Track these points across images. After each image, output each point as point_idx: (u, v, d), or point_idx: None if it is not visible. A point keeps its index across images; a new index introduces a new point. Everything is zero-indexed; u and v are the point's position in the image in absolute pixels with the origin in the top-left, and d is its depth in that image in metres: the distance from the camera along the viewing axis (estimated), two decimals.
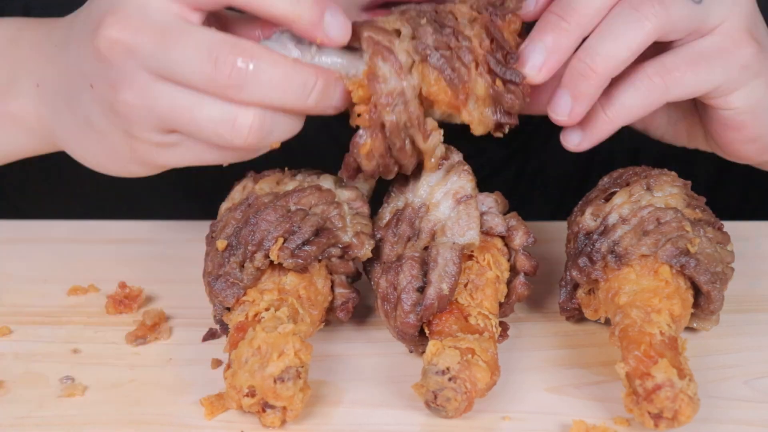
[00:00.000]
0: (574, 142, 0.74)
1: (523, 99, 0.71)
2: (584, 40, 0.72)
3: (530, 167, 1.05)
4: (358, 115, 0.69)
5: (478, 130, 0.72)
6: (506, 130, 0.73)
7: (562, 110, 0.72)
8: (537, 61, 0.71)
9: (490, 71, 0.70)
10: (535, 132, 0.99)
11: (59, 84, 0.74)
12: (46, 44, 0.76)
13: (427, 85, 0.70)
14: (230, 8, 0.70)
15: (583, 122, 0.73)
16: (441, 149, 0.72)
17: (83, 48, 0.70)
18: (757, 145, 0.77)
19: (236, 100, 0.66)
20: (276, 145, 0.69)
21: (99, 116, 0.71)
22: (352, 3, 0.80)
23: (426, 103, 0.71)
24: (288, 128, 0.69)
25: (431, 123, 0.71)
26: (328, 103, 0.69)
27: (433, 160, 0.72)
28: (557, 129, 0.76)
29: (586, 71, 0.70)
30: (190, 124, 0.67)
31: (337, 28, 0.68)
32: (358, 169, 0.71)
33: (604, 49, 0.70)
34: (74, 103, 0.73)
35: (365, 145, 0.69)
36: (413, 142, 0.70)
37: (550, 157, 1.01)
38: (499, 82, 0.70)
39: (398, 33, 0.71)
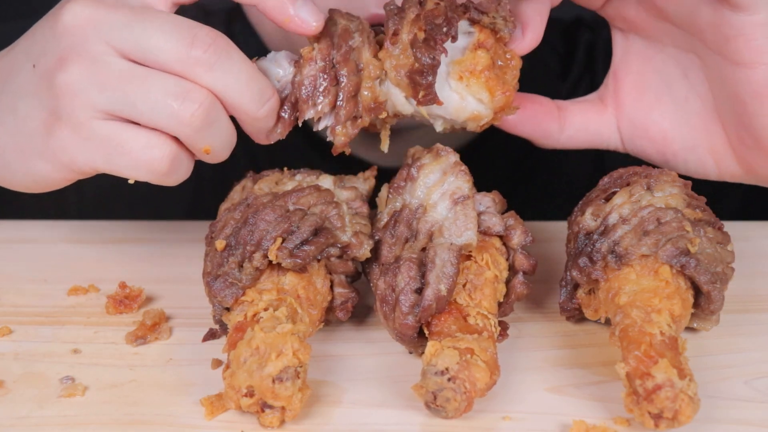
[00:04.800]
0: None
1: (434, 59, 0.71)
2: None
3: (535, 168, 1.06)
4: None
5: (392, 77, 0.73)
6: (420, 96, 0.72)
7: None
8: None
9: (421, 27, 0.72)
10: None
11: None
12: None
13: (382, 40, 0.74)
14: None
15: None
16: (381, 92, 0.73)
17: (38, 29, 0.70)
18: None
19: (199, 81, 0.67)
20: (209, 148, 0.69)
21: (28, 98, 0.70)
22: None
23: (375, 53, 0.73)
24: (225, 131, 0.70)
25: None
26: (270, 123, 0.71)
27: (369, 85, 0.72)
28: None
29: None
30: (139, 94, 0.67)
31: (308, 12, 0.70)
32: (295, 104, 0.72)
33: None
34: (5, 91, 0.72)
35: (311, 49, 0.72)
36: (357, 64, 0.72)
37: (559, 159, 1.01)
38: (420, 35, 0.72)
39: None
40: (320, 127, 0.72)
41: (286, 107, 0.72)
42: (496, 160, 1.04)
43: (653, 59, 0.81)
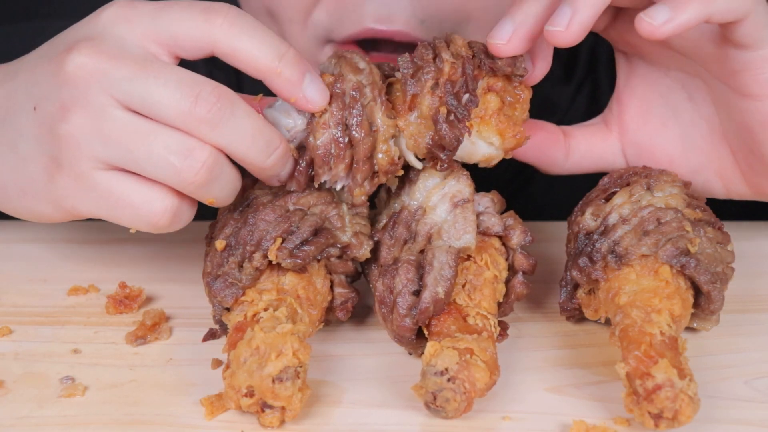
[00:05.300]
0: (661, 19, 0.67)
1: (458, 139, 0.71)
2: None
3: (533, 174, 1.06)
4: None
5: (408, 143, 0.72)
6: (438, 166, 0.72)
7: (560, 21, 0.69)
8: (505, 33, 0.71)
9: (443, 98, 0.71)
10: None
11: None
12: None
13: (394, 91, 0.72)
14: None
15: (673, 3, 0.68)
16: (396, 150, 0.72)
17: (40, 69, 0.70)
18: None
19: (203, 138, 0.66)
20: (212, 200, 0.69)
21: (29, 140, 0.69)
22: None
23: (391, 114, 0.72)
24: (230, 181, 0.69)
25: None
26: (279, 170, 0.70)
27: (384, 147, 0.71)
28: None
29: None
30: (141, 150, 0.66)
31: (315, 91, 0.69)
32: (310, 177, 0.71)
33: None
34: (5, 125, 0.71)
35: (323, 112, 0.70)
36: (370, 124, 0.70)
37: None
38: (443, 110, 0.71)
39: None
40: (337, 188, 0.72)
41: (300, 167, 0.71)
42: (505, 161, 1.04)
43: (658, 83, 0.80)
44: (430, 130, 0.71)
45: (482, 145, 0.74)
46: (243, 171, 0.71)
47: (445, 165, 0.72)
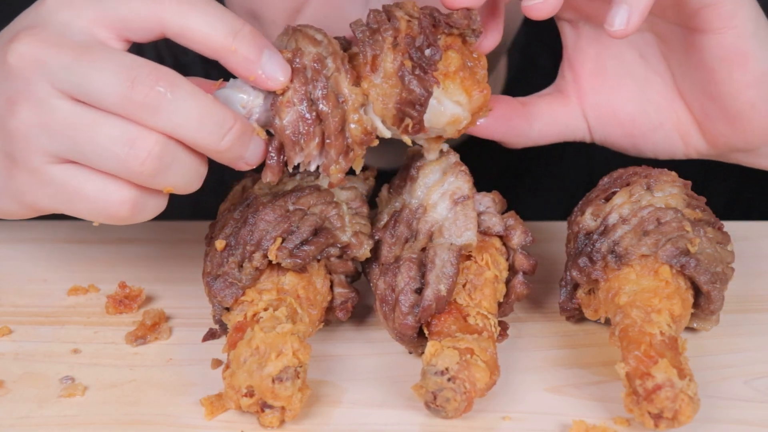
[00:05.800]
0: (622, 20, 0.69)
1: (428, 90, 0.68)
2: None
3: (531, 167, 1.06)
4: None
5: (376, 107, 0.69)
6: (409, 127, 0.69)
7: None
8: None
9: (405, 53, 0.69)
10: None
11: None
12: None
13: (354, 62, 0.70)
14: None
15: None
16: (369, 119, 0.69)
17: None
18: (760, 90, 0.75)
19: (146, 124, 0.63)
20: (170, 189, 0.66)
21: None
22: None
23: (355, 79, 0.69)
24: (188, 168, 0.66)
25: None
26: (240, 151, 0.66)
27: (356, 117, 0.68)
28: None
29: None
30: (86, 142, 0.64)
31: (275, 67, 0.66)
32: (283, 163, 0.68)
33: None
34: None
35: (285, 90, 0.67)
36: (336, 96, 0.68)
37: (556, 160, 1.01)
38: (408, 64, 0.68)
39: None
40: (312, 168, 0.69)
41: (272, 153, 0.68)
42: (495, 159, 1.04)
43: (608, 44, 0.80)
44: (396, 88, 0.69)
45: (449, 105, 0.71)
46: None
47: (417, 126, 0.69)
